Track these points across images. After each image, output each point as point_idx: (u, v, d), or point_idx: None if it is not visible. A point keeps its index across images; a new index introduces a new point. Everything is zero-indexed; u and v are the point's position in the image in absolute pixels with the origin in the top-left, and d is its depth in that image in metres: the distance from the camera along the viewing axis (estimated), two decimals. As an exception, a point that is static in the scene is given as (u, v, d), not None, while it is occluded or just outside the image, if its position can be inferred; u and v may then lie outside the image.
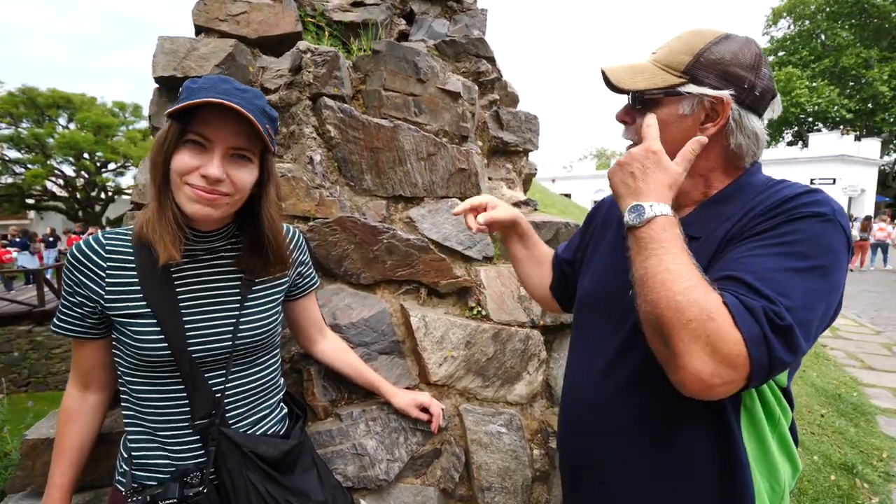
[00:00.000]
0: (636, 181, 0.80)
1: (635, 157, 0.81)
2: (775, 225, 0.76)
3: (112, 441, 1.14)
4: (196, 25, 1.72)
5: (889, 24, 26.84)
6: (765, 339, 0.66)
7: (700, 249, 0.83)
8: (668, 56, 0.88)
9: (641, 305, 0.74)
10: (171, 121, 0.89)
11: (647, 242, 0.74)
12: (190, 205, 0.90)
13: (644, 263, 0.74)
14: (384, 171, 1.71)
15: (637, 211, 0.77)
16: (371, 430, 1.44)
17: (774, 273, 0.71)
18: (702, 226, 0.87)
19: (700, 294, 0.68)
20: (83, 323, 0.96)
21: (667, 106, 0.86)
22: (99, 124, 20.47)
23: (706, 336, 0.66)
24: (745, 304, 0.68)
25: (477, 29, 2.30)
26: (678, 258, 0.72)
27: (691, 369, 0.67)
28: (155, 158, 0.90)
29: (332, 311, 1.54)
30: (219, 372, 1.00)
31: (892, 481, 3.01)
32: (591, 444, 0.98)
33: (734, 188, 0.89)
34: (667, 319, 0.68)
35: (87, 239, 0.95)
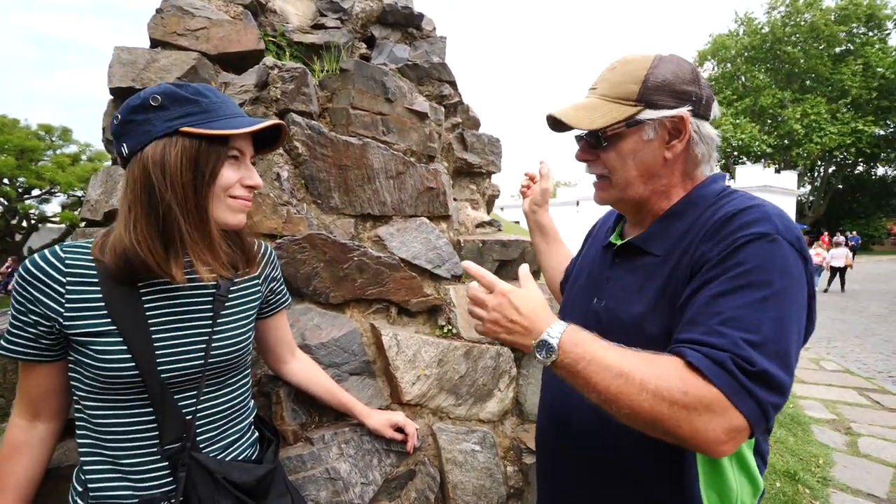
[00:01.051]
0: (520, 322, 0.80)
1: (499, 307, 0.82)
2: (724, 256, 0.76)
3: (61, 476, 1.03)
4: (152, 39, 1.67)
5: (798, 70, 30.02)
6: (744, 388, 0.67)
7: (660, 268, 0.87)
8: (614, 89, 0.90)
9: (623, 421, 0.73)
10: (207, 140, 0.87)
11: (574, 366, 0.74)
12: (234, 216, 0.94)
13: (588, 386, 0.73)
14: (352, 189, 1.70)
15: (545, 346, 0.77)
16: (344, 452, 1.39)
17: (734, 311, 0.71)
18: (659, 242, 0.91)
19: (656, 378, 0.69)
20: (36, 344, 0.88)
21: (630, 136, 0.89)
22: (22, 148, 19.06)
23: (692, 408, 0.67)
24: (713, 357, 0.68)
25: (437, 55, 2.37)
26: (609, 359, 0.72)
27: (707, 438, 0.67)
28: (187, 178, 0.85)
29: (301, 332, 1.48)
30: (190, 393, 0.93)
31: (830, 486, 3.20)
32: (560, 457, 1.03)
33: (685, 202, 0.92)
34: (652, 420, 0.69)
35: (43, 253, 0.88)
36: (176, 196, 0.85)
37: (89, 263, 0.88)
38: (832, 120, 28.40)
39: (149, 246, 0.84)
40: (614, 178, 0.93)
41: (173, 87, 0.87)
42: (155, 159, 0.83)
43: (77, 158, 21.55)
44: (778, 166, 29.16)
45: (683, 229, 0.88)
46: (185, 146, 0.85)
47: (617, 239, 1.03)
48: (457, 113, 2.30)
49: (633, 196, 0.94)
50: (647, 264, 0.91)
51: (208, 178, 0.88)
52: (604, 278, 1.00)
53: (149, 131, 0.84)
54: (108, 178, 1.48)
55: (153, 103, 0.85)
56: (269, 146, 1.03)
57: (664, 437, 0.70)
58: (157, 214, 0.85)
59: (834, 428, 4.17)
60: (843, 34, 29.18)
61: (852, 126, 27.98)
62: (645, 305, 0.87)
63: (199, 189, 0.87)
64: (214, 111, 0.88)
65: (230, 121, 0.89)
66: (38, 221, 21.44)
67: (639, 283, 0.91)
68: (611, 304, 0.94)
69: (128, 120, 0.86)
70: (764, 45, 31.07)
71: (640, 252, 0.94)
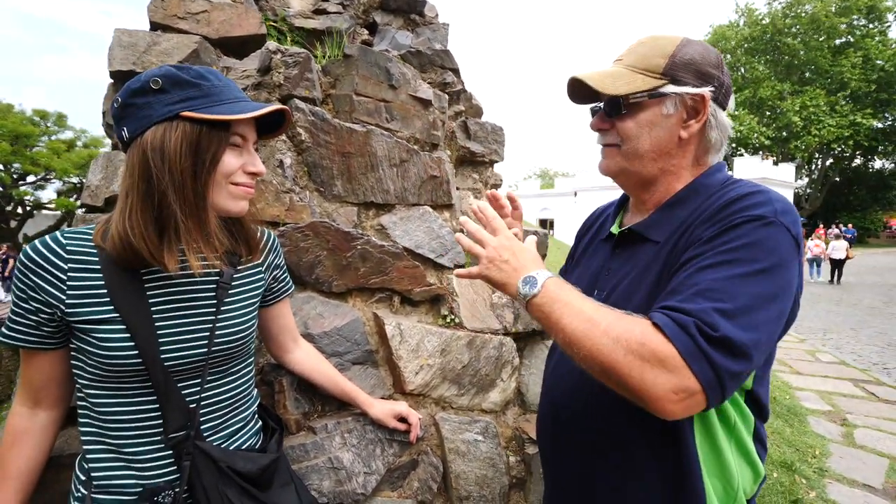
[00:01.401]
0: (512, 264, 0.84)
1: (500, 248, 0.85)
2: (716, 234, 0.77)
3: (63, 464, 1.02)
4: (152, 22, 1.64)
5: (798, 61, 29.89)
6: (701, 351, 0.67)
7: (660, 254, 0.87)
8: (641, 60, 0.90)
9: (582, 364, 0.75)
10: (208, 126, 0.84)
11: (551, 305, 0.77)
12: (236, 203, 0.92)
13: (559, 326, 0.76)
14: (355, 177, 1.67)
15: (530, 282, 0.80)
16: (347, 442, 1.38)
17: (714, 283, 0.72)
18: (660, 229, 0.91)
19: (621, 328, 0.71)
20: (37, 332, 0.86)
21: (650, 108, 0.89)
22: (16, 133, 18.82)
23: (646, 359, 0.68)
24: (677, 320, 0.69)
25: (439, 42, 2.34)
26: (583, 306, 0.75)
27: (655, 393, 0.68)
28: (186, 164, 0.83)
29: (304, 320, 1.47)
30: (193, 381, 0.92)
31: (826, 476, 3.23)
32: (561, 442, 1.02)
33: (689, 190, 0.92)
34: (607, 365, 0.70)
35: (44, 239, 0.86)
36: (174, 183, 0.82)
37: (91, 249, 0.87)
38: (831, 112, 28.36)
39: (143, 233, 0.82)
40: (625, 146, 0.92)
41: (174, 70, 0.84)
42: (154, 145, 0.81)
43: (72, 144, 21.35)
44: (776, 158, 29.12)
45: (684, 216, 0.88)
46: (186, 131, 0.82)
47: (616, 228, 1.03)
48: (460, 101, 2.28)
49: (639, 170, 0.93)
50: (647, 251, 0.91)
51: (209, 164, 0.85)
52: (605, 269, 1.00)
53: (149, 115, 0.82)
54: (109, 164, 1.45)
55: (153, 86, 0.82)
56: (272, 132, 1.01)
57: (616, 387, 0.72)
58: (153, 201, 0.82)
59: (830, 419, 4.21)
60: (843, 26, 29.05)
61: (851, 119, 27.96)
62: (643, 294, 0.87)
63: (199, 176, 0.84)
64: (216, 95, 0.86)
65: (232, 105, 0.86)
66: (34, 208, 21.30)
67: (639, 273, 0.90)
68: (612, 295, 0.93)
69: (128, 103, 0.83)
70: (764, 37, 30.90)
71: (641, 239, 0.93)
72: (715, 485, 0.85)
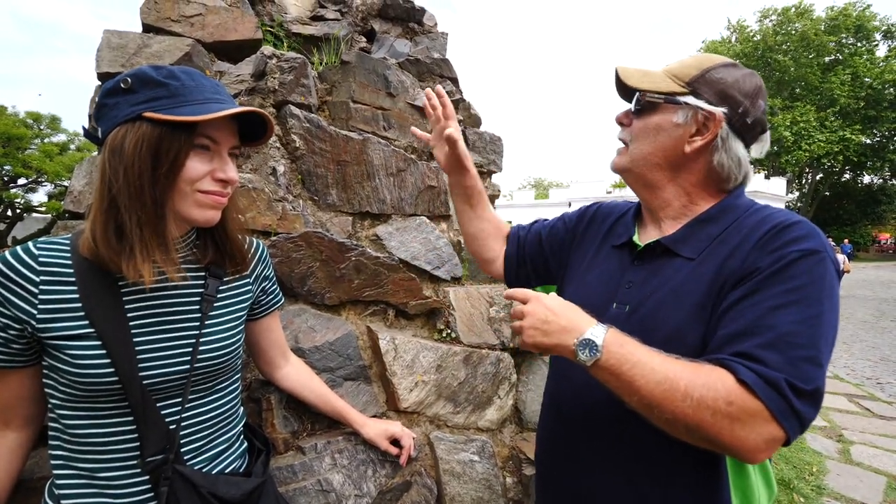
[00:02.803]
0: (557, 323, 0.78)
1: (534, 311, 0.80)
2: (778, 268, 0.75)
3: (33, 488, 0.96)
4: (144, 24, 1.59)
5: (788, 78, 30.37)
6: (793, 410, 0.67)
7: (697, 270, 0.84)
8: (678, 68, 0.91)
9: (665, 428, 0.73)
10: (169, 127, 0.78)
11: (619, 367, 0.73)
12: (203, 211, 0.85)
13: (631, 389, 0.72)
14: (351, 186, 1.63)
15: (588, 344, 0.74)
16: (337, 463, 1.32)
17: (792, 326, 0.70)
18: (693, 246, 0.87)
19: (702, 386, 0.69)
20: (6, 349, 0.80)
21: (663, 112, 0.89)
22: (8, 136, 18.64)
23: (735, 418, 0.67)
24: (766, 377, 0.68)
25: (438, 51, 2.31)
26: (653, 363, 0.72)
27: (747, 447, 0.68)
28: (144, 168, 0.77)
29: (295, 334, 1.41)
30: (174, 401, 0.86)
31: (824, 494, 3.19)
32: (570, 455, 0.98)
33: (719, 209, 0.90)
34: (693, 426, 0.69)
35: (15, 250, 0.80)
36: (129, 187, 0.77)
37: (65, 261, 0.81)
38: (820, 128, 28.76)
39: (103, 237, 0.77)
40: (631, 146, 0.94)
41: (148, 70, 0.79)
42: (114, 146, 0.77)
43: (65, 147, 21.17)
44: (767, 172, 29.46)
45: (717, 233, 0.86)
46: (146, 133, 0.77)
47: (638, 241, 0.98)
48: (458, 110, 2.24)
49: (643, 173, 0.93)
50: (679, 268, 0.87)
51: (167, 169, 0.78)
52: (624, 282, 0.94)
53: (115, 116, 0.78)
54: (93, 168, 1.40)
55: (123, 86, 0.77)
56: (259, 139, 0.95)
57: (700, 442, 0.71)
58: (112, 205, 0.77)
59: (826, 435, 4.18)
60: (832, 44, 29.59)
61: (840, 134, 28.37)
62: (685, 313, 0.82)
63: (157, 181, 0.78)
64: (183, 95, 0.79)
65: (199, 106, 0.80)
66: (24, 211, 21.04)
67: (672, 289, 0.86)
68: (640, 310, 0.88)
69: (101, 104, 0.79)
70: (755, 53, 31.36)
71: (668, 253, 0.90)
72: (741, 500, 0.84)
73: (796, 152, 28.78)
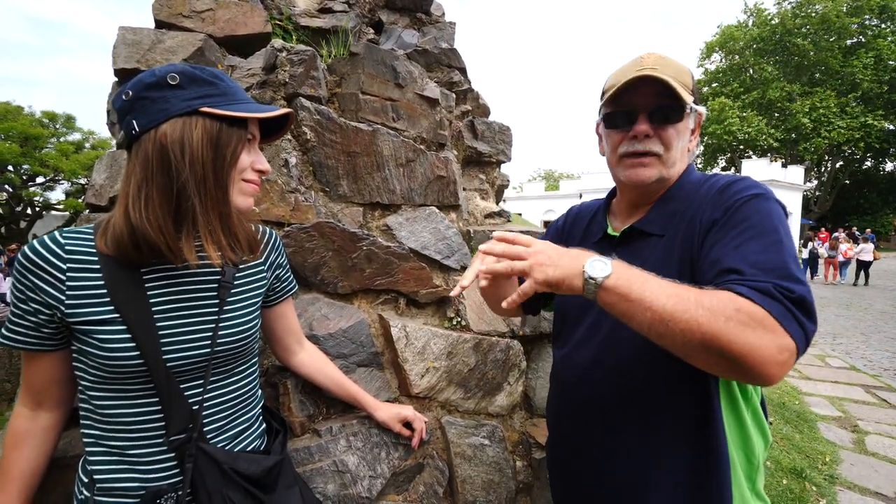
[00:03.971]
0: (565, 257, 0.80)
1: (542, 249, 0.81)
2: (731, 214, 0.84)
3: (67, 466, 1.01)
4: (157, 20, 1.63)
5: (808, 62, 29.60)
6: (789, 311, 0.70)
7: (667, 244, 0.94)
8: (678, 75, 0.95)
9: (678, 343, 0.72)
10: (227, 122, 0.86)
11: (629, 284, 0.74)
12: (245, 199, 0.93)
13: (643, 305, 0.73)
14: (361, 177, 1.66)
15: (597, 265, 0.76)
16: (352, 445, 1.36)
17: (760, 254, 0.77)
18: (661, 225, 0.97)
19: (710, 298, 0.71)
20: (37, 333, 0.85)
21: (686, 119, 0.97)
22: (26, 135, 19.02)
23: (746, 323, 0.68)
24: (756, 287, 0.72)
25: (445, 41, 2.32)
26: (661, 281, 0.75)
27: (762, 355, 0.68)
28: (207, 159, 0.84)
29: (309, 322, 1.45)
30: (196, 382, 0.91)
31: (837, 483, 3.17)
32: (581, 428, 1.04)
33: (677, 187, 1.00)
34: (710, 335, 0.68)
35: (42, 238, 0.85)
36: (195, 175, 0.82)
37: (90, 249, 0.85)
38: (841, 114, 28.03)
39: (160, 225, 0.82)
40: (668, 154, 0.97)
41: (191, 68, 0.86)
42: (174, 137, 0.81)
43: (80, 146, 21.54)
44: (785, 161, 28.84)
45: (675, 208, 0.96)
46: (206, 126, 0.84)
47: (613, 231, 1.07)
48: (466, 100, 2.26)
49: (671, 176, 0.99)
50: (653, 245, 0.96)
51: (230, 159, 0.87)
52: None
53: (165, 109, 0.82)
54: (113, 163, 1.44)
55: (171, 82, 0.82)
56: (272, 134, 1.02)
57: (718, 358, 0.70)
58: (172, 194, 0.82)
59: (840, 425, 4.14)
60: (854, 26, 28.69)
61: (861, 120, 27.62)
62: None
63: (218, 171, 0.86)
64: (232, 94, 0.88)
65: (246, 105, 0.89)
66: (43, 209, 21.52)
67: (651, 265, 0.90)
68: None
69: (142, 96, 0.82)
70: (773, 37, 30.58)
71: (642, 236, 0.99)
72: (739, 456, 0.89)
73: (815, 139, 28.14)
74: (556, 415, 1.14)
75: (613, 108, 1.00)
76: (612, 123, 1.01)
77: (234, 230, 0.90)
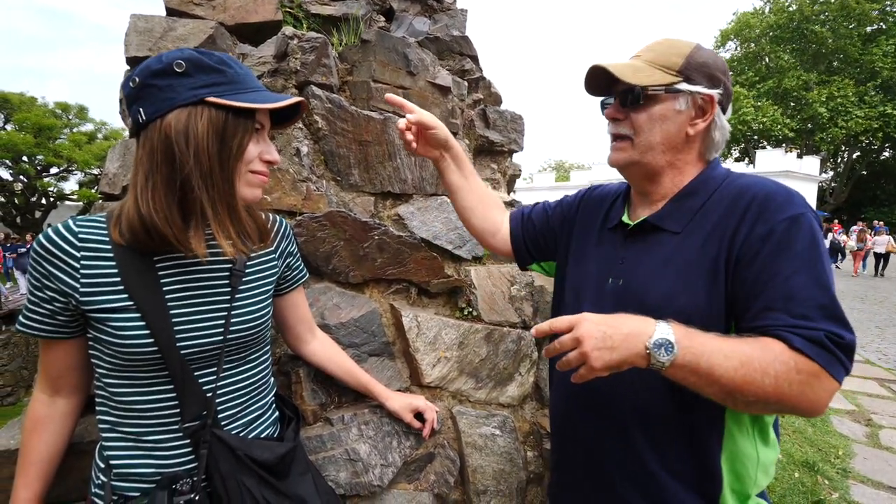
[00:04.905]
0: (620, 333, 0.75)
1: (590, 332, 0.74)
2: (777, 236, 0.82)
3: (83, 451, 1.02)
4: (168, 8, 1.62)
5: (826, 50, 28.91)
6: (839, 361, 0.75)
7: (683, 244, 0.91)
8: (658, 57, 0.95)
9: (739, 406, 0.78)
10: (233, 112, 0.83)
11: (697, 361, 0.73)
12: (252, 190, 0.91)
13: (711, 379, 0.74)
14: (373, 166, 1.65)
15: (662, 344, 0.73)
16: (364, 434, 1.37)
17: (808, 289, 0.78)
18: (676, 220, 0.95)
19: (771, 361, 0.73)
20: (53, 321, 0.85)
21: (665, 102, 0.93)
22: (40, 126, 19.23)
23: (805, 383, 0.73)
24: (811, 338, 0.74)
25: (457, 29, 2.28)
26: (723, 349, 0.75)
27: (820, 405, 0.76)
28: (213, 150, 0.82)
29: (321, 311, 1.46)
30: (210, 370, 0.91)
31: (849, 477, 3.14)
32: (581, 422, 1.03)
33: (698, 182, 0.96)
34: (775, 399, 0.74)
35: (56, 226, 0.85)
36: (200, 167, 0.81)
37: (103, 237, 0.85)
38: (859, 103, 27.37)
39: (167, 216, 0.81)
40: (638, 139, 0.96)
41: (197, 55, 0.83)
42: (178, 128, 0.79)
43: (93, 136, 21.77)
44: (800, 151, 28.30)
45: (698, 206, 0.93)
46: (212, 116, 0.81)
47: (627, 219, 1.05)
48: (478, 89, 2.23)
49: (650, 162, 0.96)
50: (666, 241, 0.94)
51: (236, 151, 0.84)
52: (618, 258, 1.01)
53: (171, 98, 0.80)
54: (127, 152, 1.45)
55: (177, 69, 0.80)
56: (283, 122, 1.00)
57: (781, 411, 0.78)
58: (177, 185, 0.81)
59: (854, 419, 4.10)
60: (875, 12, 27.90)
61: (880, 110, 26.96)
62: (672, 282, 0.89)
63: (225, 163, 0.84)
64: (240, 83, 0.85)
65: (256, 94, 0.86)
66: (57, 199, 21.83)
67: (660, 261, 0.93)
68: (632, 283, 0.96)
69: (148, 84, 0.81)
70: (790, 24, 29.85)
71: (656, 230, 0.97)
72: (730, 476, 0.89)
73: (832, 129, 27.55)
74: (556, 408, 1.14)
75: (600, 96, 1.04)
76: (602, 109, 1.04)
77: (242, 222, 0.89)
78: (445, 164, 1.22)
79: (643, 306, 0.86)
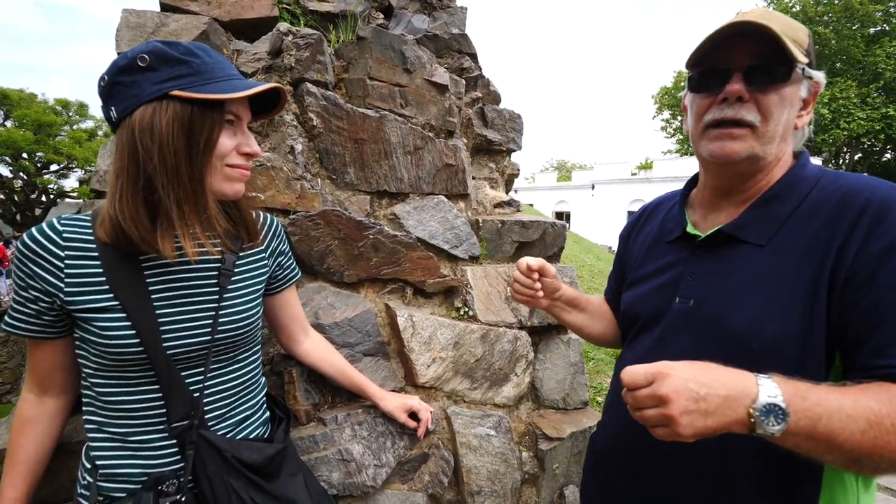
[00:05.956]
0: (716, 395, 0.61)
1: (677, 391, 0.60)
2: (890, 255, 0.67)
3: (71, 451, 1.01)
4: (162, 3, 1.61)
5: (829, 51, 28.84)
6: None
7: (771, 259, 0.76)
8: (788, 30, 0.76)
9: (883, 473, 0.63)
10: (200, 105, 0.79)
11: (815, 426, 0.60)
12: (231, 185, 0.88)
13: (834, 446, 0.61)
14: (368, 165, 1.63)
15: (772, 410, 0.59)
16: (357, 434, 1.35)
17: None
18: (761, 231, 0.79)
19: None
20: (39, 320, 0.84)
21: (795, 85, 0.77)
22: (39, 123, 19.23)
23: None
24: None
25: (456, 26, 2.27)
26: (844, 407, 0.61)
27: None
28: (179, 147, 0.78)
29: (315, 311, 1.44)
30: (197, 370, 0.90)
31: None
32: (637, 457, 0.89)
33: (786, 183, 0.81)
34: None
35: (41, 226, 0.83)
36: (165, 166, 0.78)
37: (89, 236, 0.84)
38: (862, 105, 27.32)
39: (133, 217, 0.78)
40: (765, 127, 0.78)
41: (163, 46, 0.79)
42: (142, 125, 0.76)
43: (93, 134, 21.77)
44: (802, 152, 28.21)
45: (786, 212, 0.78)
46: (177, 111, 0.77)
47: (692, 228, 0.90)
48: (477, 87, 2.21)
49: (766, 156, 0.80)
50: (748, 255, 0.79)
51: (203, 146, 0.80)
52: (686, 274, 0.87)
53: (137, 95, 0.77)
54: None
55: (141, 64, 0.77)
56: (267, 111, 0.96)
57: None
58: (142, 185, 0.78)
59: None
60: (879, 13, 27.85)
61: (883, 111, 26.88)
62: (759, 305, 0.74)
63: (194, 159, 0.80)
64: (207, 73, 0.81)
65: (225, 84, 0.81)
66: (57, 196, 21.83)
67: (742, 280, 0.78)
68: (706, 303, 0.81)
69: (115, 81, 0.78)
70: (793, 25, 29.81)
71: (733, 241, 0.82)
72: None
73: (834, 131, 27.48)
74: (616, 420, 0.97)
75: (702, 67, 0.82)
76: (700, 85, 0.82)
77: (212, 222, 0.86)
78: (559, 309, 1.14)
79: (723, 333, 0.74)
